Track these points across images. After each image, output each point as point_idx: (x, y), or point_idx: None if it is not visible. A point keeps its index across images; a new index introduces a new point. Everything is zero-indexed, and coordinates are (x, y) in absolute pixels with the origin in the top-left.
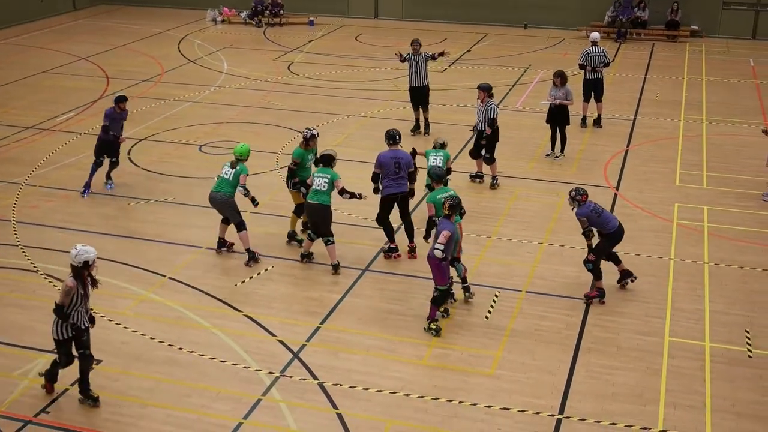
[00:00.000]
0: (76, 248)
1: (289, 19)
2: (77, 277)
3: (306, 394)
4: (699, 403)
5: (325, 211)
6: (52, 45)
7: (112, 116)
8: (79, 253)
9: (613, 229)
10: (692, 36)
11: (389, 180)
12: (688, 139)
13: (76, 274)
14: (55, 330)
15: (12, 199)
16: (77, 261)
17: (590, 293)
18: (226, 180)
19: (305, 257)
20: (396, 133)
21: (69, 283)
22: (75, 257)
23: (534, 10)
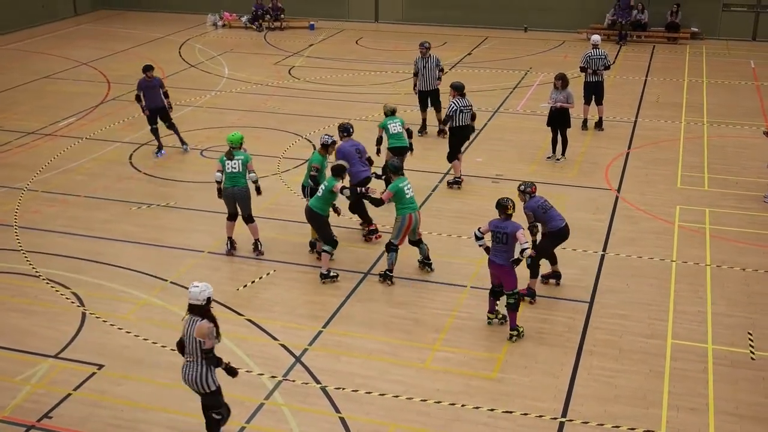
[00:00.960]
0: (198, 286)
1: (289, 24)
2: (208, 315)
3: (308, 398)
4: (702, 405)
5: (313, 215)
6: (54, 50)
7: (145, 85)
8: (203, 290)
9: (556, 229)
10: (692, 38)
11: (359, 165)
12: (689, 141)
13: (206, 313)
14: (209, 381)
15: (14, 204)
16: (202, 298)
17: (523, 290)
18: (237, 173)
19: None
20: (350, 126)
21: (208, 324)
22: (199, 295)
23: (534, 13)
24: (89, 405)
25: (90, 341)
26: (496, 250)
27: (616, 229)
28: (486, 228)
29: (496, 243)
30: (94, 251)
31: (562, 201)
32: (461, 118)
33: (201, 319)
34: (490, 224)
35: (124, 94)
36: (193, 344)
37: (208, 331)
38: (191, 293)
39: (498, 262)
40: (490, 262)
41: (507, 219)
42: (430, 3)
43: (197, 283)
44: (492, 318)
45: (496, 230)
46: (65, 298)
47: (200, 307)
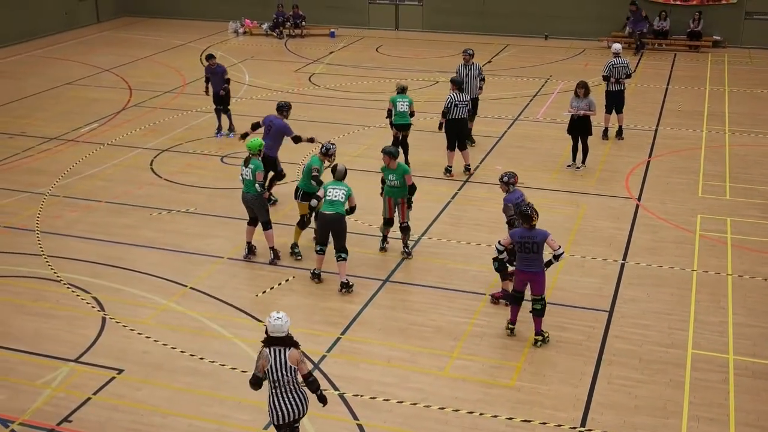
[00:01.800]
0: (280, 318)
1: (310, 31)
2: (293, 344)
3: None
4: (722, 416)
5: (342, 222)
6: (76, 57)
7: (210, 71)
8: (287, 321)
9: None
10: (714, 46)
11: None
12: (710, 150)
13: (292, 342)
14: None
15: (36, 209)
16: (286, 329)
17: (497, 293)
18: (249, 180)
19: (315, 276)
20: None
21: (298, 351)
22: (284, 326)
23: (554, 21)
24: (108, 409)
25: (110, 346)
26: (527, 259)
27: (637, 237)
28: (508, 240)
29: (525, 253)
30: (115, 256)
31: (582, 209)
32: (456, 112)
33: (289, 348)
34: (514, 235)
35: (145, 100)
36: (289, 373)
37: (301, 356)
38: (274, 326)
39: (533, 270)
40: (519, 272)
41: (532, 229)
42: (451, 11)
43: (278, 314)
44: (513, 328)
45: (524, 240)
46: (86, 302)
47: (284, 339)
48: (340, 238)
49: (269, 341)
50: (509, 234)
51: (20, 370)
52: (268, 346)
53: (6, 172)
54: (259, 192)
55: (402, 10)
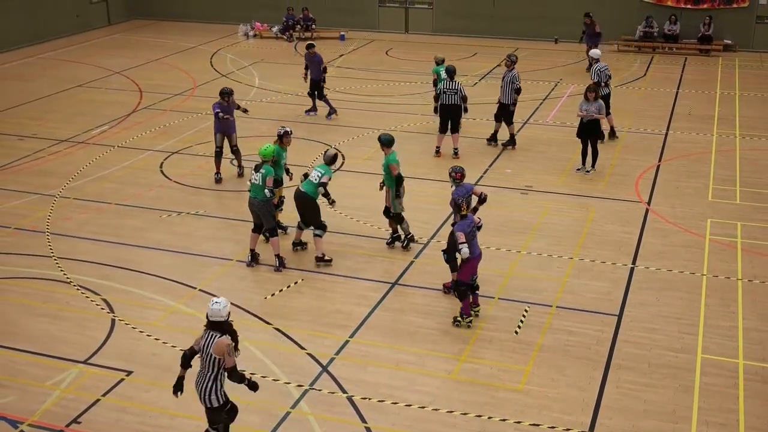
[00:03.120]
0: (218, 302)
1: (320, 34)
2: (229, 332)
3: (334, 407)
4: (732, 421)
5: (304, 199)
6: (87, 59)
7: (309, 59)
8: (225, 305)
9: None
10: (725, 50)
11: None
12: (720, 154)
13: (227, 329)
14: (212, 397)
15: (47, 211)
16: (225, 314)
17: (447, 283)
18: (257, 185)
19: (296, 245)
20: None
21: (227, 341)
22: (222, 311)
23: (564, 24)
24: (117, 411)
25: (119, 347)
26: (474, 245)
27: (646, 242)
28: (462, 236)
29: (473, 239)
30: (125, 258)
31: (591, 213)
32: (445, 99)
33: (219, 335)
34: (463, 227)
35: (155, 103)
36: (210, 359)
37: (227, 349)
38: (212, 310)
39: (479, 253)
40: (472, 259)
41: (464, 218)
42: (461, 14)
43: (217, 299)
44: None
45: (472, 228)
46: (95, 304)
47: (222, 324)
48: (307, 215)
49: (208, 324)
50: (461, 228)
51: (29, 372)
52: (207, 328)
53: (17, 173)
54: (267, 198)
55: (412, 13)
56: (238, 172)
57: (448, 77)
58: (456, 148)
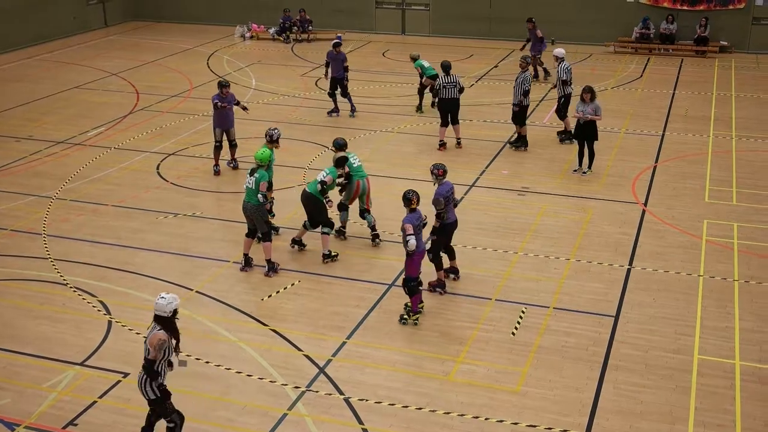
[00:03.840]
0: (164, 297)
1: (316, 36)
2: (169, 328)
3: (331, 409)
4: (729, 422)
5: (309, 199)
6: (84, 61)
7: (333, 57)
8: (170, 301)
9: (449, 221)
10: (721, 51)
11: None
12: (717, 155)
13: (168, 325)
14: (147, 389)
15: (43, 213)
16: (168, 310)
17: (432, 282)
18: (251, 189)
19: (295, 243)
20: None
21: (162, 336)
22: (166, 306)
23: (561, 26)
24: (114, 412)
25: (116, 349)
26: (420, 240)
27: (643, 242)
28: (410, 228)
29: (419, 233)
30: (121, 260)
31: (588, 214)
32: (445, 93)
33: (159, 329)
34: (411, 220)
35: (152, 104)
36: (146, 352)
37: (158, 343)
38: (157, 304)
39: (423, 248)
40: (421, 253)
41: (413, 211)
42: (457, 16)
43: (164, 294)
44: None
45: (420, 223)
46: (92, 306)
47: (165, 319)
48: (314, 215)
49: (154, 318)
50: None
51: (26, 374)
52: (153, 321)
53: (13, 175)
54: (260, 203)
55: (409, 14)
56: (233, 165)
57: (444, 72)
58: (459, 138)
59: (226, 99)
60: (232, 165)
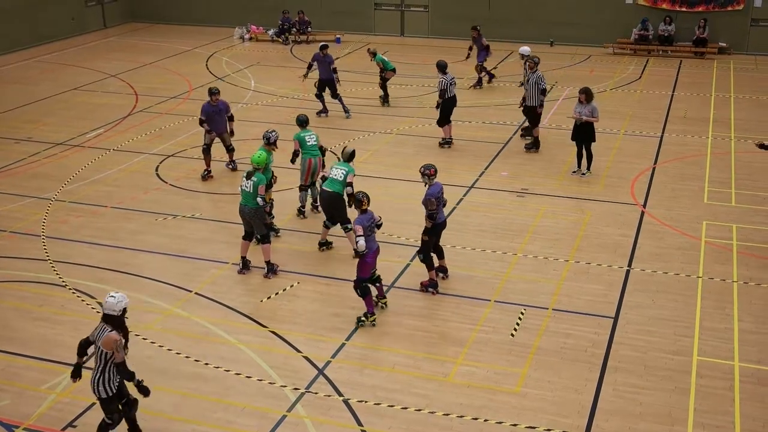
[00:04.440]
0: (114, 296)
1: (315, 37)
2: (120, 327)
3: (331, 410)
4: (728, 423)
5: (338, 200)
6: (83, 62)
7: (319, 59)
8: (119, 300)
9: (440, 221)
10: (720, 53)
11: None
12: (716, 157)
13: (119, 324)
14: (100, 389)
15: (42, 214)
16: (118, 309)
17: (424, 282)
18: (248, 193)
19: (323, 245)
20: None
21: (115, 336)
22: (116, 305)
23: (560, 27)
24: None
25: None
26: (373, 240)
27: (642, 244)
28: (360, 229)
29: (372, 233)
30: (120, 261)
31: (587, 216)
32: (451, 90)
33: (110, 329)
34: (362, 221)
35: (151, 105)
36: (99, 352)
37: (115, 344)
38: (107, 303)
39: (375, 248)
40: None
41: (365, 213)
42: (456, 17)
43: (113, 293)
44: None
45: (372, 224)
46: (91, 308)
47: (115, 318)
48: (339, 214)
49: (102, 317)
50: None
51: (25, 375)
52: (102, 321)
53: (12, 176)
54: (258, 205)
55: (407, 16)
56: (231, 166)
57: (443, 72)
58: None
59: (216, 106)
60: (231, 167)
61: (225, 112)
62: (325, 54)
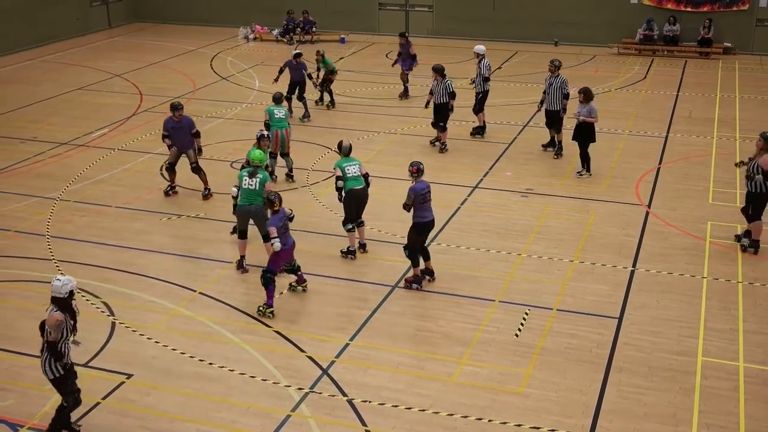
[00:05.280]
0: (60, 279)
1: (320, 37)
2: (65, 309)
3: (335, 410)
4: (733, 424)
5: (366, 193)
6: (88, 62)
7: (291, 65)
8: (65, 283)
9: (425, 220)
10: (725, 53)
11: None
12: (721, 157)
13: (64, 306)
14: (47, 369)
15: (47, 214)
16: (64, 292)
17: (409, 278)
18: (254, 191)
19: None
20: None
21: (58, 317)
22: (61, 288)
23: (564, 27)
24: (117, 414)
25: (119, 351)
26: (288, 236)
27: (647, 244)
28: (274, 231)
29: (286, 231)
30: (125, 261)
31: (591, 216)
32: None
33: (56, 309)
34: (275, 222)
35: (156, 105)
36: (43, 333)
37: (56, 324)
38: (54, 286)
39: (291, 242)
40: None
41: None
42: (461, 17)
43: (60, 276)
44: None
45: (285, 221)
46: (95, 307)
47: (62, 300)
48: (362, 209)
49: (51, 300)
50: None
51: (29, 375)
52: (51, 303)
53: (17, 176)
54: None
55: (412, 16)
56: (204, 193)
57: (440, 76)
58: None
59: (179, 122)
60: (204, 193)
61: (189, 128)
62: (298, 62)
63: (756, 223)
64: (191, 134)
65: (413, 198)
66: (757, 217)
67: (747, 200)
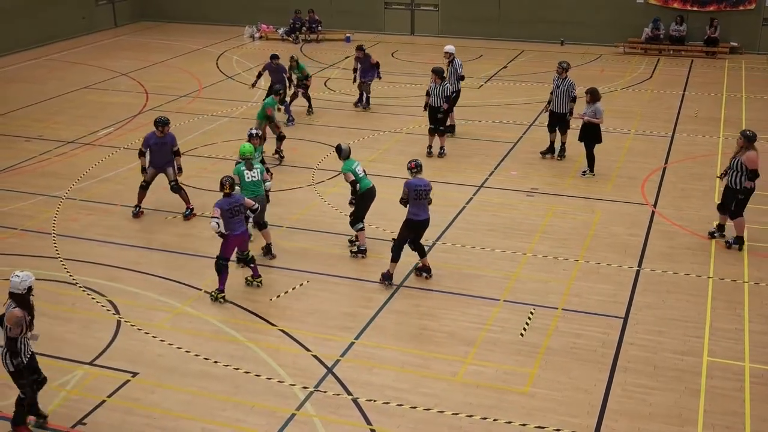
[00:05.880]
0: (18, 275)
1: (326, 36)
2: (23, 305)
3: (340, 409)
4: (738, 424)
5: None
6: (94, 61)
7: (271, 68)
8: (23, 279)
9: (418, 219)
10: (731, 52)
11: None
12: (727, 157)
13: (22, 302)
14: (6, 362)
15: (52, 212)
16: (22, 288)
17: (384, 272)
18: (257, 182)
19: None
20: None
21: (18, 313)
22: (20, 284)
23: (571, 27)
24: (122, 412)
25: (125, 349)
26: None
27: (652, 244)
28: (217, 211)
29: (234, 216)
30: (130, 260)
31: (597, 215)
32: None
33: (15, 306)
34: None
35: (161, 104)
36: (5, 327)
37: (16, 320)
38: (12, 282)
39: (239, 231)
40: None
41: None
42: (466, 17)
43: (18, 272)
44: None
45: (234, 207)
46: (101, 305)
47: (20, 296)
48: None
49: (9, 295)
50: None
51: None
52: (9, 298)
53: (23, 175)
54: (267, 190)
55: (418, 15)
56: (185, 213)
57: (440, 78)
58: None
59: (162, 139)
60: (185, 213)
61: (171, 145)
62: (277, 64)
63: (739, 219)
64: (172, 152)
65: (407, 192)
66: (740, 213)
67: (724, 196)
